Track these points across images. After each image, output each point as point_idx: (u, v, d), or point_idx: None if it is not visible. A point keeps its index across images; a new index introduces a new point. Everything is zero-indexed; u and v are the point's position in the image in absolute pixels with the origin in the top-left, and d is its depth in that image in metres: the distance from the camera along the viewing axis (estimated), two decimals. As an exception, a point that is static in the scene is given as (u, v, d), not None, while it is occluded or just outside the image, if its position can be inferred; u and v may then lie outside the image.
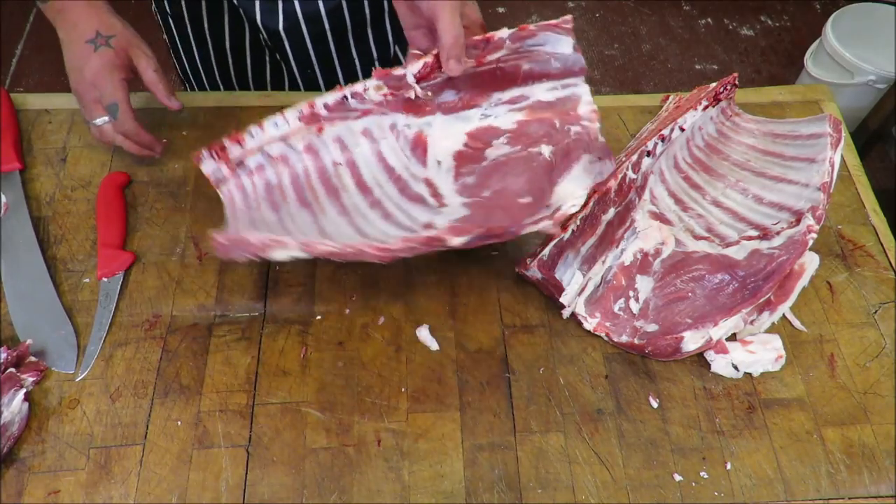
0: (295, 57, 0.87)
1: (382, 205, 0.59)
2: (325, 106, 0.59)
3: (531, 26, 0.59)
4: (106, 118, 0.68)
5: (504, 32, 0.59)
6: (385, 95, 0.60)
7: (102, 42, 0.67)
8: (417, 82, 0.59)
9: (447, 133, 0.61)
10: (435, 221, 0.58)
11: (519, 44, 0.60)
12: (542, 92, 0.62)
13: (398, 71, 0.59)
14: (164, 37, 0.94)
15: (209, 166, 0.59)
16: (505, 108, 0.62)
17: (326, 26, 0.83)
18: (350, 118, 0.60)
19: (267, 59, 0.92)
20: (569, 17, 0.60)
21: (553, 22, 0.59)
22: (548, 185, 0.60)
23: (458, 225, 0.57)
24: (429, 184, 0.60)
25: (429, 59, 0.58)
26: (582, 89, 0.62)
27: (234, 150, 0.58)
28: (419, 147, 0.61)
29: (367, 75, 0.64)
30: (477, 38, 0.58)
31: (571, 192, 0.60)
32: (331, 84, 0.88)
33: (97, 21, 0.67)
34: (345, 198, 0.59)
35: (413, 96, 0.60)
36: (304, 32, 0.83)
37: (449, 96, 0.61)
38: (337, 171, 0.60)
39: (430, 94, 0.61)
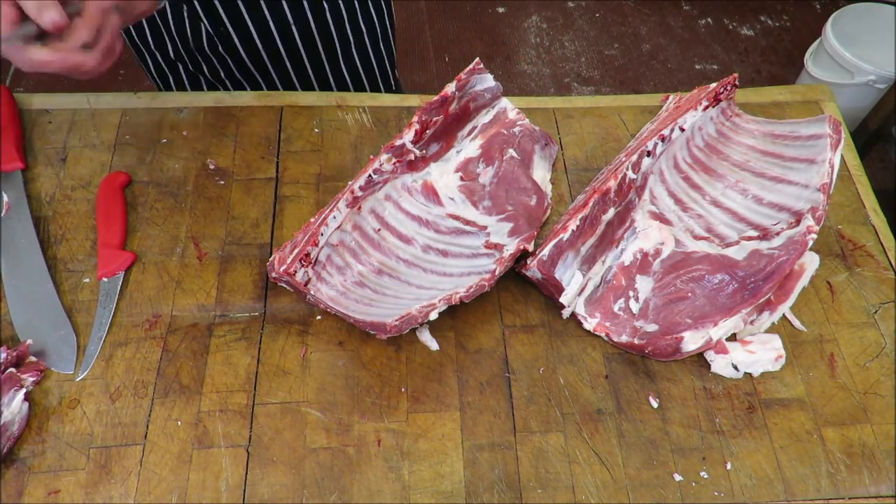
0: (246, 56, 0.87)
1: (432, 247, 0.70)
2: (360, 188, 0.69)
3: (461, 75, 0.74)
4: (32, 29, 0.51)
5: (451, 86, 0.72)
6: (394, 164, 0.71)
7: None
8: (413, 145, 0.72)
9: (443, 174, 0.74)
10: (491, 241, 0.69)
11: (462, 91, 0.75)
12: (483, 117, 0.78)
13: (398, 141, 0.71)
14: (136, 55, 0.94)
15: (302, 275, 0.64)
16: (467, 140, 0.77)
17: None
18: (376, 190, 0.71)
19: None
20: (477, 58, 0.77)
21: (470, 67, 0.76)
22: (529, 176, 0.74)
23: (508, 235, 0.69)
24: (456, 218, 0.72)
25: (416, 126, 0.71)
26: (505, 103, 0.79)
27: (312, 252, 0.65)
28: (430, 192, 0.73)
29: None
30: (436, 97, 0.72)
31: (542, 177, 0.76)
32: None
33: None
34: (400, 253, 0.69)
35: (413, 157, 0.73)
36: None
37: (434, 148, 0.75)
38: (380, 235, 0.70)
39: (424, 151, 0.74)
